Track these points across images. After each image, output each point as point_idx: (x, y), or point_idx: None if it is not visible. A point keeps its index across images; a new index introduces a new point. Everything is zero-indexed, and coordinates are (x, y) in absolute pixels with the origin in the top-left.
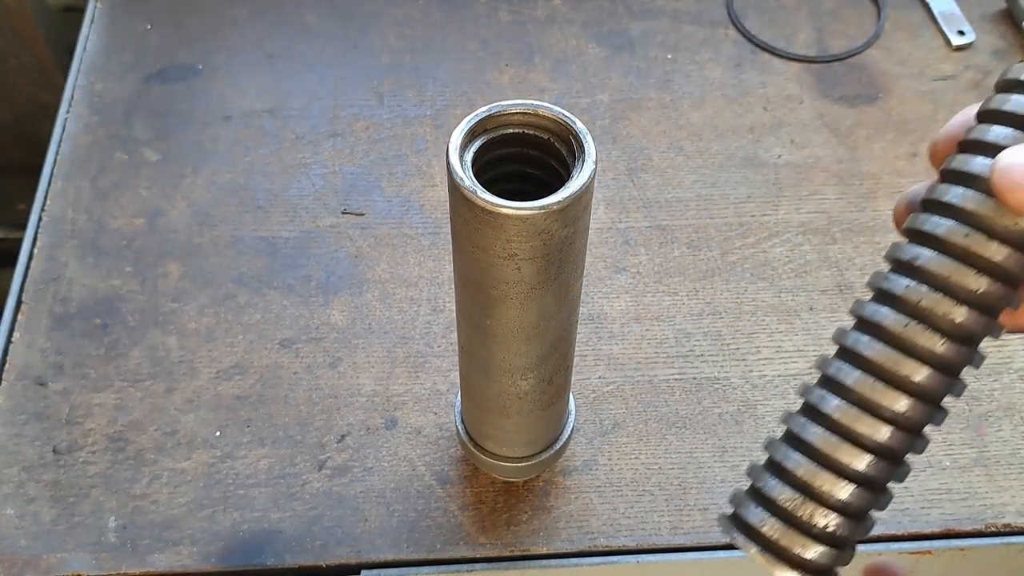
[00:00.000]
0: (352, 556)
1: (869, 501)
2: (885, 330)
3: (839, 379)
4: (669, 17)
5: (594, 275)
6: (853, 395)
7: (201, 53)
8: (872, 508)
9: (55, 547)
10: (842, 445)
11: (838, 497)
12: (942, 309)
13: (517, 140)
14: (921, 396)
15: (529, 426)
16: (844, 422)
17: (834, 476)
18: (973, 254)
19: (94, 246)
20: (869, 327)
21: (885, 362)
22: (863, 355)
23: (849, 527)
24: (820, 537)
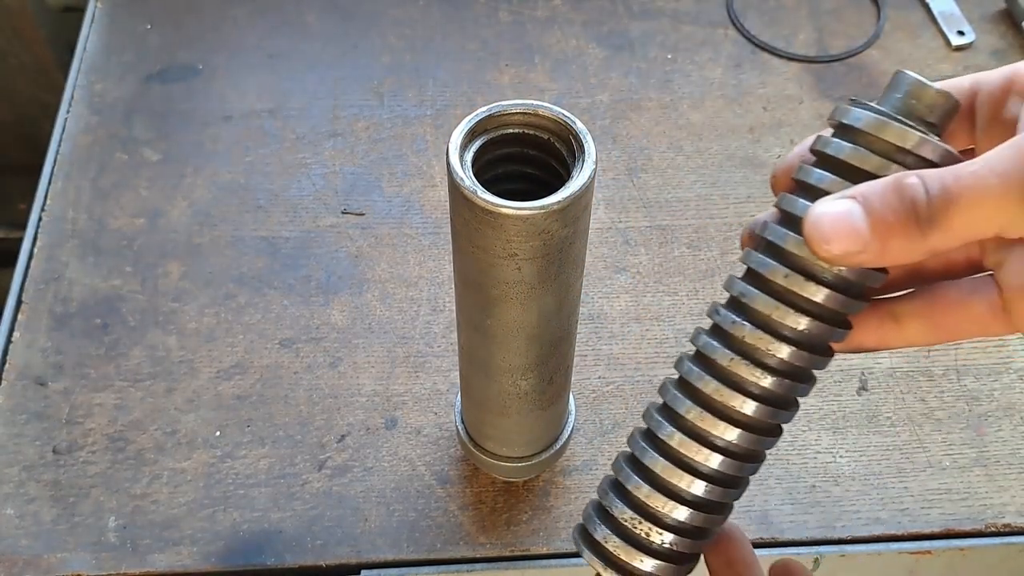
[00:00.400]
0: (352, 556)
1: (704, 520)
2: (714, 364)
3: (674, 408)
4: (669, 17)
5: (594, 275)
6: (686, 424)
7: (201, 53)
8: (709, 525)
9: (55, 547)
10: (675, 471)
11: (673, 517)
12: (764, 346)
13: (517, 140)
14: (749, 427)
15: (529, 426)
16: (678, 450)
17: (668, 499)
18: (792, 294)
19: (94, 246)
20: (701, 359)
21: (713, 394)
22: (695, 386)
23: (685, 543)
24: (657, 553)
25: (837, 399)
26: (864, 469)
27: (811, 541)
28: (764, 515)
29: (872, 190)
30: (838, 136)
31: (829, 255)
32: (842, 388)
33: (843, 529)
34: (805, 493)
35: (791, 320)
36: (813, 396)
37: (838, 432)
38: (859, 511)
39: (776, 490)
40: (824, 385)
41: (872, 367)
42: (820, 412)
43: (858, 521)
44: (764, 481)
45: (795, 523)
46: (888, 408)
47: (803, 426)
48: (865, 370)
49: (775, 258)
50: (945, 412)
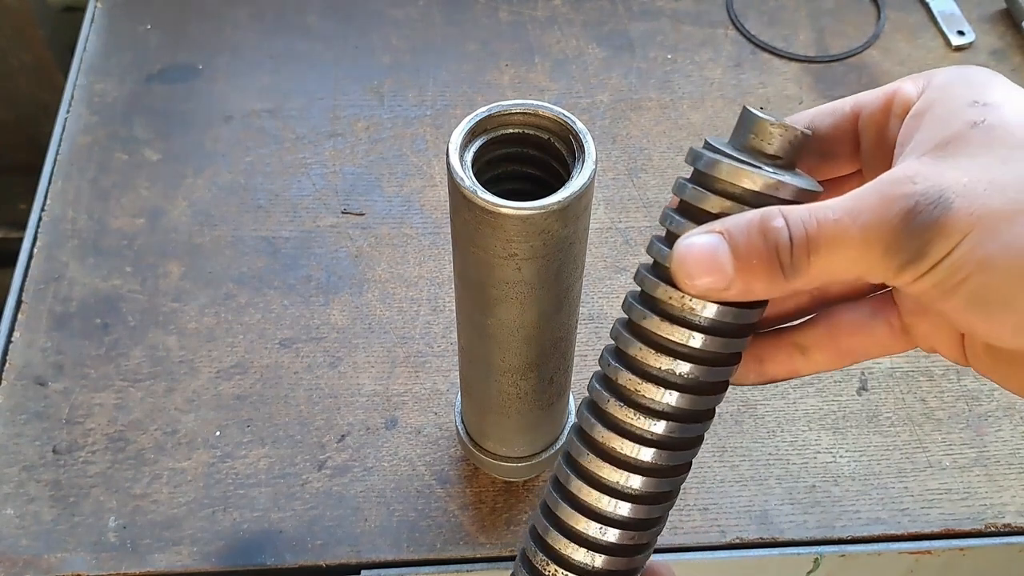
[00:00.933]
0: (352, 556)
1: (611, 561)
2: (602, 411)
3: (573, 456)
4: (669, 17)
5: (594, 275)
6: (585, 473)
7: (202, 53)
8: (619, 565)
9: (55, 547)
10: (578, 517)
11: (576, 559)
12: (651, 395)
13: (517, 140)
14: (649, 471)
15: (529, 426)
16: (579, 497)
17: (573, 543)
18: (670, 342)
19: (94, 246)
20: (591, 405)
21: (606, 442)
22: (589, 434)
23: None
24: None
25: (837, 399)
26: (864, 469)
27: (811, 541)
28: (764, 515)
29: (738, 226)
30: (688, 179)
31: (695, 290)
32: (842, 388)
33: (843, 529)
34: (805, 493)
35: (673, 366)
36: (813, 396)
37: (838, 432)
38: (859, 511)
39: (776, 490)
40: (824, 385)
41: (872, 367)
42: (820, 412)
43: (858, 521)
44: (764, 481)
45: (795, 523)
46: (888, 408)
47: (803, 426)
48: (865, 370)
49: (648, 306)
50: (945, 412)
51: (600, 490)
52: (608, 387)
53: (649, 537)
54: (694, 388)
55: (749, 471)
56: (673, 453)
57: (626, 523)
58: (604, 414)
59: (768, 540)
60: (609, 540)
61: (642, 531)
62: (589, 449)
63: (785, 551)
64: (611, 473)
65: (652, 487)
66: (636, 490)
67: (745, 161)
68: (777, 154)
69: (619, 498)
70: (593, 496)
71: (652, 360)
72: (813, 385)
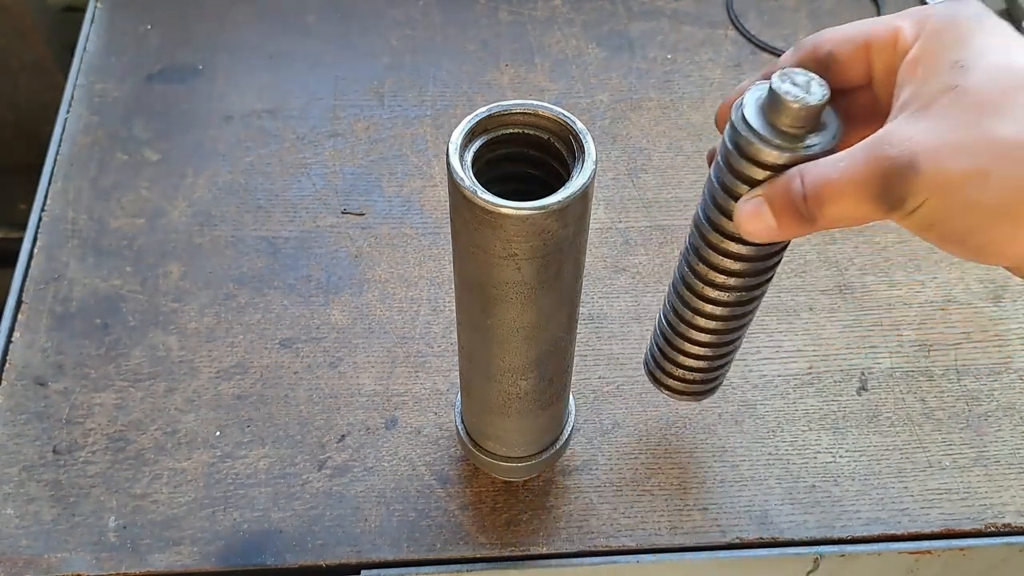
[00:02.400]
0: (352, 556)
1: (703, 369)
2: (690, 284)
3: (669, 305)
4: (669, 18)
5: (594, 275)
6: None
7: (202, 53)
8: (708, 372)
9: (55, 547)
10: (679, 342)
11: (683, 364)
12: (717, 279)
13: (517, 140)
14: (716, 317)
15: (529, 426)
16: (679, 330)
17: (678, 354)
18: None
19: (95, 246)
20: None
21: (689, 302)
22: (682, 282)
23: (695, 377)
24: (678, 378)
25: (837, 399)
26: (864, 469)
27: (811, 541)
28: (764, 515)
29: (774, 191)
30: (734, 148)
31: (751, 236)
32: (842, 388)
33: (843, 529)
34: (805, 493)
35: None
36: (813, 396)
37: (838, 432)
38: (859, 511)
39: (776, 490)
40: (824, 385)
41: (872, 367)
42: (820, 412)
43: (858, 521)
44: (764, 481)
45: (795, 523)
46: (888, 408)
47: (803, 426)
48: (865, 370)
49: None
50: (945, 412)
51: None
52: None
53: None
54: (749, 272)
55: (749, 471)
56: (731, 310)
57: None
58: (691, 285)
59: (768, 540)
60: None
61: (719, 352)
62: (680, 301)
63: (785, 551)
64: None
65: (721, 328)
66: (710, 329)
67: (775, 143)
68: (801, 125)
69: (701, 331)
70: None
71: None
72: (813, 385)
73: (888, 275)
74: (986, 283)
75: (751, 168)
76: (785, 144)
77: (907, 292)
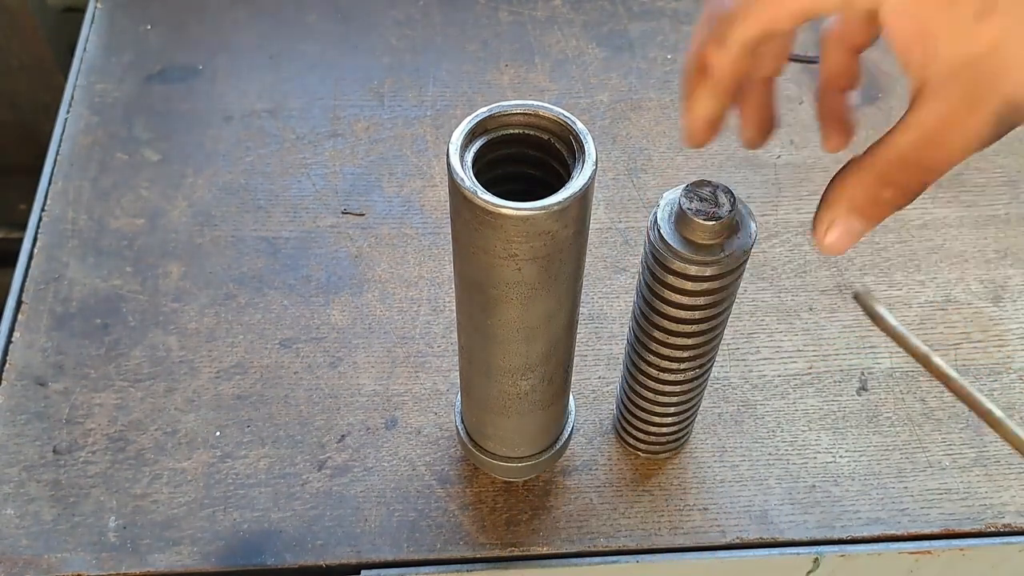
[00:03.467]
0: (352, 556)
1: (678, 424)
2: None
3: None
4: (669, 17)
5: (594, 275)
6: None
7: (202, 53)
8: (682, 424)
9: (55, 547)
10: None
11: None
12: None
13: (517, 140)
14: (679, 384)
15: (529, 426)
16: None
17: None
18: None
19: (95, 246)
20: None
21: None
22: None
23: (671, 432)
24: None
25: (837, 399)
26: (864, 469)
27: (811, 541)
28: (764, 515)
29: (861, 200)
30: (651, 254)
31: (834, 251)
32: (842, 388)
33: (843, 529)
34: (805, 493)
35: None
36: (813, 396)
37: (838, 432)
38: (859, 511)
39: (776, 490)
40: (824, 385)
41: (872, 367)
42: (820, 412)
43: (858, 521)
44: (764, 481)
45: (795, 523)
46: (888, 408)
47: (803, 426)
48: (865, 370)
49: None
50: (945, 412)
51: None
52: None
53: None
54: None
55: (749, 471)
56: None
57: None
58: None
59: (768, 540)
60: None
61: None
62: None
63: (785, 551)
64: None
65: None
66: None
67: (695, 260)
68: (716, 236)
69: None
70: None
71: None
72: (813, 385)
73: (888, 275)
74: (986, 283)
75: (678, 280)
76: (705, 257)
77: (907, 292)
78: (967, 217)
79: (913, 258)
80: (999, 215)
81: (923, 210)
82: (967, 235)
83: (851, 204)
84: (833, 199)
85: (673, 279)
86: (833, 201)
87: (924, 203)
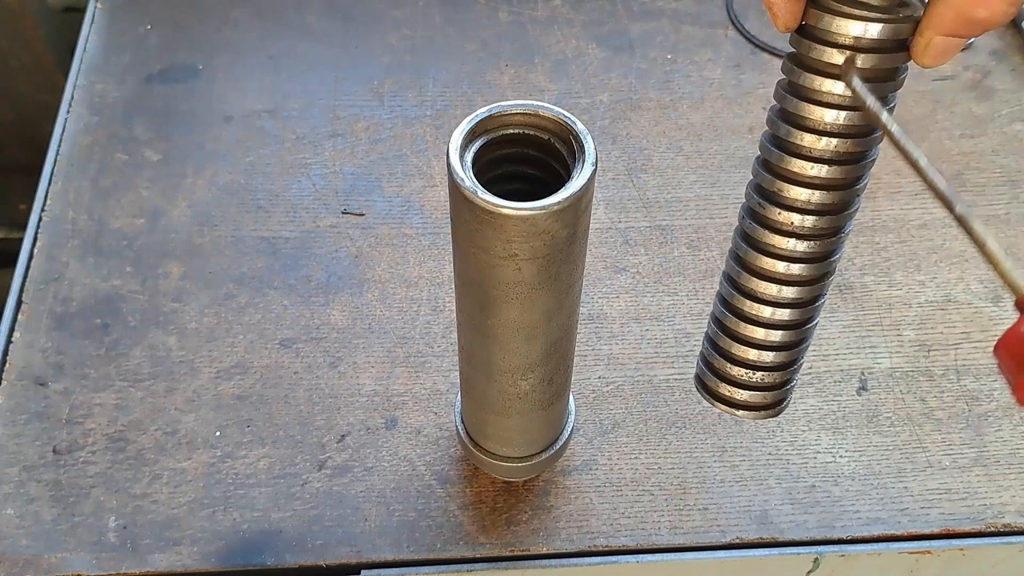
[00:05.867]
0: (352, 556)
1: (781, 363)
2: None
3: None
4: (669, 18)
5: (594, 275)
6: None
7: (202, 54)
8: (786, 367)
9: (56, 547)
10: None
11: (755, 360)
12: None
13: (517, 140)
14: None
15: (529, 426)
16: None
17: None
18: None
19: (95, 246)
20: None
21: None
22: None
23: (772, 376)
24: (751, 385)
25: (837, 399)
26: (864, 469)
27: (811, 541)
28: (764, 515)
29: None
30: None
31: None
32: (842, 388)
33: (843, 529)
34: (805, 493)
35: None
36: (813, 396)
37: (838, 432)
38: (859, 511)
39: (776, 490)
40: (824, 385)
41: (872, 367)
42: (820, 412)
43: (858, 521)
44: (764, 481)
45: (795, 523)
46: (888, 408)
47: (803, 426)
48: (865, 370)
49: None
50: (945, 412)
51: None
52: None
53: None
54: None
55: (749, 471)
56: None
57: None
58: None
59: (768, 540)
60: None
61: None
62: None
63: (785, 551)
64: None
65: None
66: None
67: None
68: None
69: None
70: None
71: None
72: (813, 385)
73: (888, 275)
74: (986, 283)
75: (830, 53)
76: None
77: (907, 292)
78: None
79: (913, 258)
80: (999, 215)
81: (923, 210)
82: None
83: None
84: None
85: (827, 54)
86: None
87: (924, 203)
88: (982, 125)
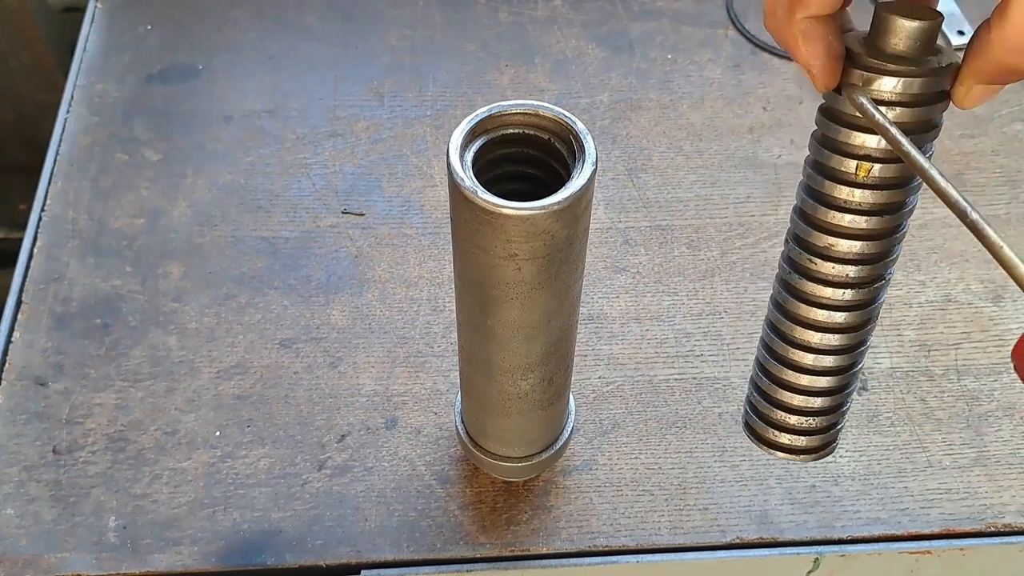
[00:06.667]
0: (352, 556)
1: (828, 407)
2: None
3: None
4: (669, 18)
5: (594, 275)
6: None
7: (201, 54)
8: (834, 409)
9: (56, 547)
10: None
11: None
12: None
13: (517, 140)
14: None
15: (529, 426)
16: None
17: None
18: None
19: (95, 246)
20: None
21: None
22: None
23: (820, 420)
24: (800, 430)
25: None
26: (864, 469)
27: (811, 541)
28: (764, 515)
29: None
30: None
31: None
32: None
33: (843, 529)
34: (805, 493)
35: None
36: None
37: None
38: (859, 511)
39: (776, 490)
40: None
41: (872, 367)
42: None
43: (858, 521)
44: (764, 481)
45: (795, 523)
46: (888, 408)
47: None
48: (865, 370)
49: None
50: (945, 412)
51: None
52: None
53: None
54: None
55: (749, 471)
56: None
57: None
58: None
59: (768, 540)
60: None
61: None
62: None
63: (785, 551)
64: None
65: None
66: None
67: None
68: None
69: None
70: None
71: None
72: None
73: None
74: (986, 283)
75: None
76: (908, 64)
77: (907, 292)
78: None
79: (913, 258)
80: (999, 215)
81: (923, 210)
82: (967, 235)
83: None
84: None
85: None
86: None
87: (924, 203)
88: (982, 125)
